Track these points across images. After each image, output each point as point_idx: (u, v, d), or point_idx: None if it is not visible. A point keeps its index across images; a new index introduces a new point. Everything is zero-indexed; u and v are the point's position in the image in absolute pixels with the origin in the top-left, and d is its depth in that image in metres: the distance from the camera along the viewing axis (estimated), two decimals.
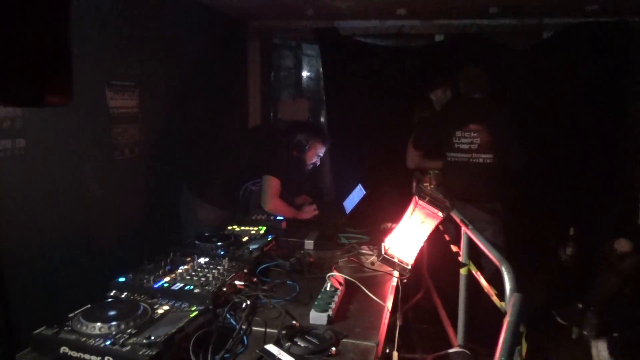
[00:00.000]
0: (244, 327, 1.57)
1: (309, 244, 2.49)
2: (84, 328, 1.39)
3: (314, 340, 1.47)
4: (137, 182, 2.90)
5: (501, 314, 1.63)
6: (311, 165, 3.16)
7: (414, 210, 2.13)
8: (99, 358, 1.29)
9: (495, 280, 1.83)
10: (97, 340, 1.33)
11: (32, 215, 2.11)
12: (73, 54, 0.72)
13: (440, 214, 2.07)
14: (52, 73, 0.67)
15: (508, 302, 1.42)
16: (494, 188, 3.21)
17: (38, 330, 1.38)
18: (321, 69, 4.59)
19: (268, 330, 1.58)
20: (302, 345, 1.45)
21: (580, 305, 3.29)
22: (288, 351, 1.42)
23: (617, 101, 3.86)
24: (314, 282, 1.96)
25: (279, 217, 2.86)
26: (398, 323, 2.15)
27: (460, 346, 2.26)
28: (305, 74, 5.41)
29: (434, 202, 2.08)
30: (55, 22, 0.68)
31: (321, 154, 3.17)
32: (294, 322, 1.60)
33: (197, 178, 3.06)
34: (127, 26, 2.69)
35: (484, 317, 2.76)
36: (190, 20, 3.38)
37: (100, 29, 2.46)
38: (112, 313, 1.46)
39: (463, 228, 2.08)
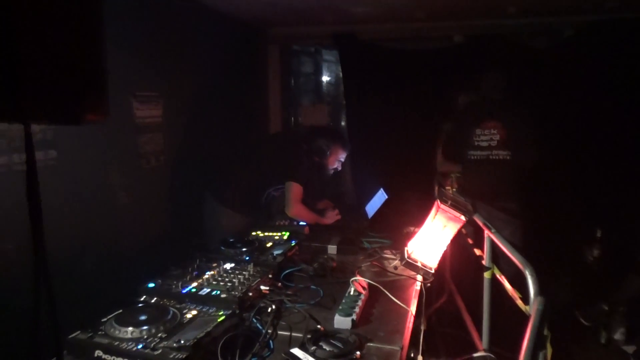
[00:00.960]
0: (269, 331, 1.60)
1: (331, 249, 2.51)
2: (117, 332, 1.44)
3: (338, 344, 1.49)
4: (162, 189, 2.97)
5: (525, 318, 1.62)
6: (332, 170, 3.18)
7: (436, 214, 2.14)
8: None
9: (515, 284, 1.83)
10: (129, 344, 1.38)
11: (64, 223, 2.18)
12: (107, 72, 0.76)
13: (463, 218, 2.07)
14: (89, 91, 0.71)
15: (532, 306, 1.42)
16: (511, 186, 3.22)
17: (73, 335, 1.43)
18: (340, 74, 4.62)
19: (293, 334, 1.61)
20: (327, 349, 1.47)
21: (605, 307, 3.23)
22: (313, 355, 1.44)
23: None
24: (337, 287, 1.98)
25: (301, 223, 2.89)
26: (422, 327, 2.15)
27: (485, 350, 2.25)
28: (324, 79, 5.45)
29: (456, 206, 2.08)
30: (91, 43, 0.73)
31: (342, 159, 3.19)
32: (318, 326, 1.63)
33: (219, 185, 3.12)
34: (151, 38, 2.76)
35: (508, 321, 2.75)
36: (211, 29, 3.45)
37: (125, 42, 2.53)
38: (143, 317, 1.51)
39: (486, 231, 2.07)
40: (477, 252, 2.40)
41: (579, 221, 3.81)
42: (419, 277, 2.12)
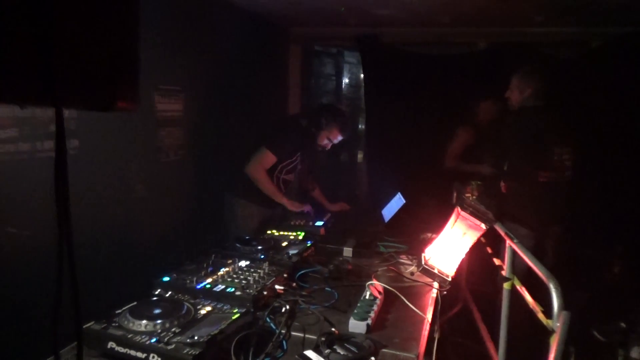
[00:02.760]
0: (283, 331, 1.58)
1: (347, 251, 2.49)
2: (131, 325, 1.43)
3: (352, 349, 1.46)
4: (180, 183, 2.97)
5: (541, 332, 1.57)
6: (321, 148, 3.15)
7: (455, 221, 2.10)
8: (145, 355, 1.32)
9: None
10: (143, 337, 1.37)
11: (81, 212, 2.19)
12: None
13: (483, 226, 2.03)
14: (122, 80, 0.70)
15: (556, 320, 1.38)
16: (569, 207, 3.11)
17: (87, 325, 1.43)
18: (361, 76, 4.59)
19: (307, 335, 1.58)
20: (342, 352, 1.44)
21: (623, 325, 3.14)
22: (327, 358, 1.41)
23: None
24: (352, 290, 1.95)
25: (317, 223, 2.87)
26: (436, 335, 2.11)
27: None
28: (345, 80, 5.43)
29: (476, 214, 2.04)
30: (127, 32, 0.71)
31: (334, 140, 3.13)
32: (332, 329, 1.60)
33: (237, 178, 3.11)
34: (174, 32, 2.77)
35: (523, 334, 2.70)
36: (234, 26, 3.46)
37: (149, 36, 2.54)
38: (157, 311, 1.50)
39: (507, 241, 2.03)
40: (497, 261, 2.35)
41: (600, 237, 3.72)
42: (435, 285, 2.08)
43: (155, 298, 1.71)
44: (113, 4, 0.67)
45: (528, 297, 1.79)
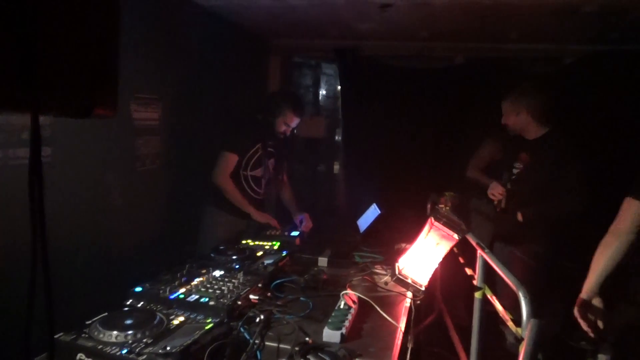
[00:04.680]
0: (257, 341, 1.58)
1: (322, 261, 2.50)
2: (101, 336, 1.41)
3: (327, 358, 1.47)
4: (157, 192, 2.95)
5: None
6: (281, 135, 3.16)
7: (429, 232, 2.13)
8: None
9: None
10: (113, 348, 1.35)
11: (54, 221, 2.15)
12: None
13: (456, 236, 2.06)
14: (101, 86, 0.71)
15: (524, 328, 1.41)
16: None
17: (56, 336, 1.40)
18: (339, 88, 4.64)
19: (281, 345, 1.58)
20: None
21: (594, 336, 3.21)
22: None
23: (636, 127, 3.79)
24: (328, 300, 1.96)
25: (293, 233, 2.87)
26: (409, 345, 2.13)
27: None
28: (322, 92, 5.47)
29: (449, 224, 2.08)
30: (107, 38, 0.72)
31: (292, 124, 3.13)
32: (307, 338, 1.61)
33: (206, 186, 3.09)
34: (153, 41, 2.76)
35: (498, 342, 2.74)
36: (214, 36, 3.46)
37: (128, 44, 2.53)
38: (129, 322, 1.48)
39: (479, 251, 2.07)
40: (469, 271, 2.39)
41: (574, 248, 3.79)
42: (409, 294, 2.11)
43: (127, 308, 1.68)
44: (94, 10, 0.68)
45: (498, 305, 1.83)
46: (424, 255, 2.16)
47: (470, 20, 3.31)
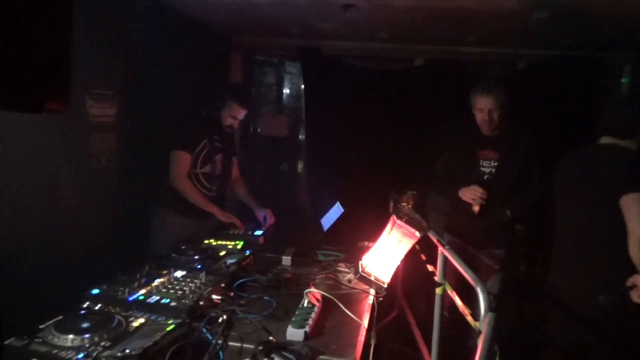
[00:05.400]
0: (220, 341, 1.56)
1: (286, 260, 2.49)
2: (56, 340, 1.35)
3: (290, 357, 1.47)
4: (112, 191, 2.84)
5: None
6: (228, 129, 3.12)
7: (391, 229, 2.17)
8: None
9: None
10: (69, 352, 1.30)
11: (1, 220, 2.05)
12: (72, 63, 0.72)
13: (418, 234, 2.11)
14: (53, 80, 0.68)
15: (482, 322, 1.46)
16: None
17: (7, 341, 1.34)
18: (302, 87, 4.64)
19: (244, 345, 1.57)
20: None
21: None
22: None
23: (588, 135, 3.97)
24: (291, 298, 1.96)
25: (256, 232, 2.85)
26: (372, 341, 2.16)
27: None
28: (286, 91, 5.46)
29: (411, 222, 2.12)
30: (57, 31, 0.69)
31: (240, 117, 3.08)
32: (270, 337, 1.60)
33: (158, 187, 3.02)
34: (109, 36, 2.67)
35: (457, 337, 2.81)
36: (173, 32, 3.38)
37: (83, 37, 2.44)
38: (85, 325, 1.43)
39: (440, 248, 2.12)
40: (430, 268, 2.45)
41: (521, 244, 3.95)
42: (372, 291, 2.13)
43: (83, 311, 1.62)
44: (45, 6, 0.65)
45: (458, 301, 1.88)
46: (386, 253, 2.19)
47: (430, 23, 3.39)
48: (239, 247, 2.50)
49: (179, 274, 1.99)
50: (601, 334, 2.20)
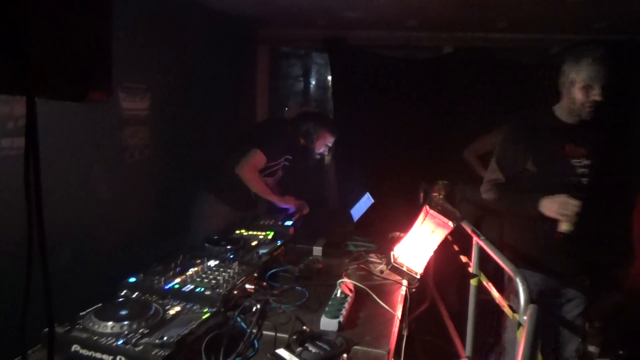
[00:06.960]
0: (254, 331, 1.57)
1: (317, 250, 2.49)
2: (96, 327, 1.38)
3: (324, 346, 1.47)
4: (146, 183, 2.90)
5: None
6: (319, 155, 3.19)
7: (424, 220, 2.13)
8: (111, 357, 1.28)
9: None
10: (109, 339, 1.33)
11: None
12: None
13: (451, 224, 2.07)
14: (96, 70, 0.68)
15: (522, 314, 1.42)
16: None
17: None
18: (329, 78, 4.61)
19: (278, 334, 1.57)
20: (313, 350, 1.44)
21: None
22: (299, 356, 1.41)
23: (623, 122, 3.83)
24: (323, 289, 1.95)
25: (287, 223, 2.86)
26: (404, 332, 2.14)
27: (468, 357, 2.25)
28: (313, 82, 5.44)
29: (444, 212, 2.08)
30: (100, 22, 0.70)
31: (329, 144, 3.19)
32: (304, 327, 1.60)
33: (205, 180, 3.08)
34: (141, 30, 2.70)
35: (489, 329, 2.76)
36: (202, 25, 3.40)
37: (116, 32, 2.47)
38: (124, 312, 1.45)
39: (474, 238, 2.08)
40: (464, 259, 2.41)
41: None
42: (405, 282, 2.11)
43: (121, 299, 1.66)
44: None
45: (495, 292, 1.84)
46: (419, 244, 2.16)
47: (459, 8, 3.31)
48: (269, 237, 2.51)
49: (212, 263, 2.01)
50: None
